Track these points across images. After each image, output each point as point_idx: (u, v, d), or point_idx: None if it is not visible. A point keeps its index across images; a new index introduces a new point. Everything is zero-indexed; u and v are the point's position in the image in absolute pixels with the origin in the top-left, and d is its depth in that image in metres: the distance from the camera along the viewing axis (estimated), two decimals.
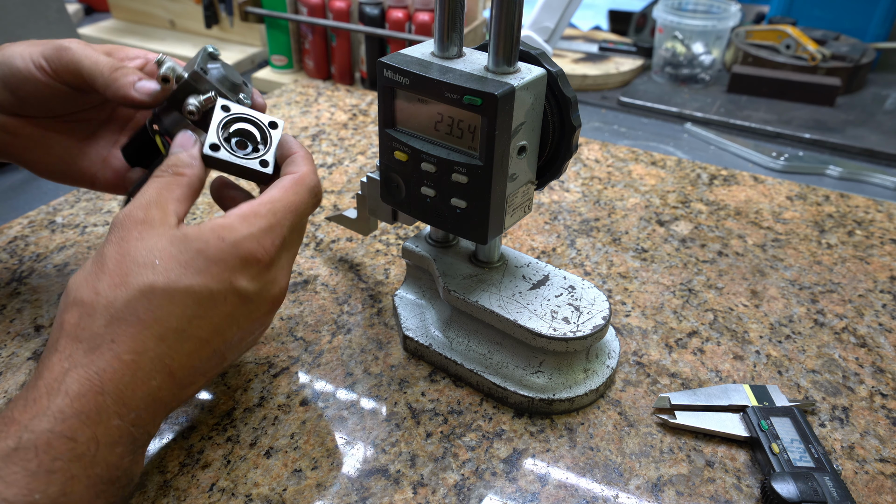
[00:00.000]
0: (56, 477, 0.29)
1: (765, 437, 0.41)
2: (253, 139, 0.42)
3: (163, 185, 0.38)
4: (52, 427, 0.30)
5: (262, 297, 0.37)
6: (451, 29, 0.39)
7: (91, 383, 0.31)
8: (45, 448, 0.29)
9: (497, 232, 0.42)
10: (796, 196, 0.71)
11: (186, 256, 0.34)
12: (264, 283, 0.37)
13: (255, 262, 0.36)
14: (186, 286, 0.34)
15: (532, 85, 0.38)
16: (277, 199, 0.38)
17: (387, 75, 0.40)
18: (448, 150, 0.40)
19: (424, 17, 0.87)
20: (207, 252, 0.35)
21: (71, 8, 1.19)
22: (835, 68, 1.00)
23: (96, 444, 0.31)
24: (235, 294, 0.36)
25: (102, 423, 0.31)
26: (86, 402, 0.31)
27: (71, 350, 0.32)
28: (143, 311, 0.33)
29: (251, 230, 0.36)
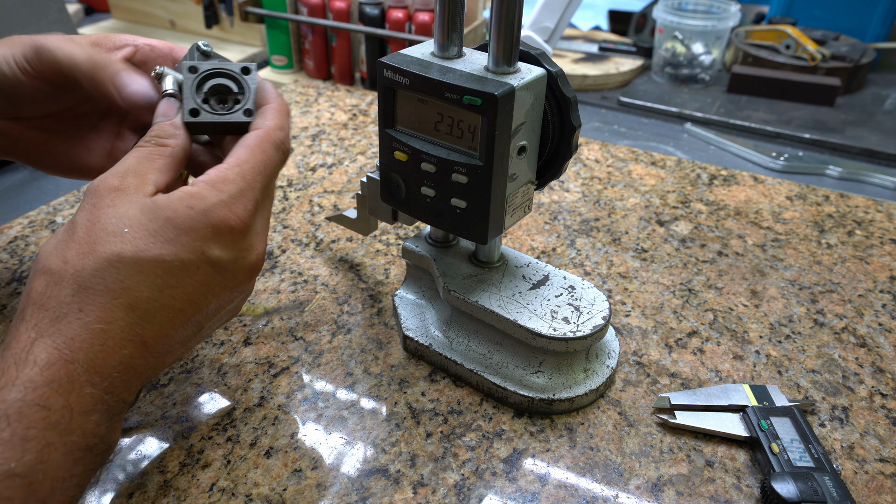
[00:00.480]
0: (31, 445, 0.29)
1: (765, 437, 0.41)
2: (231, 92, 0.40)
3: (143, 155, 0.37)
4: (24, 396, 0.29)
5: (238, 265, 0.36)
6: (451, 29, 0.39)
7: (60, 352, 0.31)
8: (17, 417, 0.29)
9: (497, 232, 0.42)
10: (796, 196, 0.71)
11: (155, 225, 0.33)
12: (239, 250, 0.36)
13: (227, 230, 0.35)
14: (155, 256, 0.33)
15: (532, 85, 0.38)
16: (245, 161, 0.37)
17: (387, 75, 0.40)
18: (448, 150, 0.40)
19: (424, 17, 0.87)
20: (177, 221, 0.34)
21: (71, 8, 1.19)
22: (835, 68, 1.00)
23: (70, 412, 0.30)
24: (208, 263, 0.35)
25: (75, 392, 0.31)
26: (56, 371, 0.30)
27: (37, 319, 0.31)
28: (111, 280, 0.32)
29: (221, 197, 0.35)
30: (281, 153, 0.38)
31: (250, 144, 0.37)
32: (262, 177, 0.37)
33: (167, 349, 0.35)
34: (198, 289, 0.35)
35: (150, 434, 0.42)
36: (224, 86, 0.40)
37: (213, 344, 0.50)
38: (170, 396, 0.45)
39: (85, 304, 0.32)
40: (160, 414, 0.44)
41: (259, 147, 0.37)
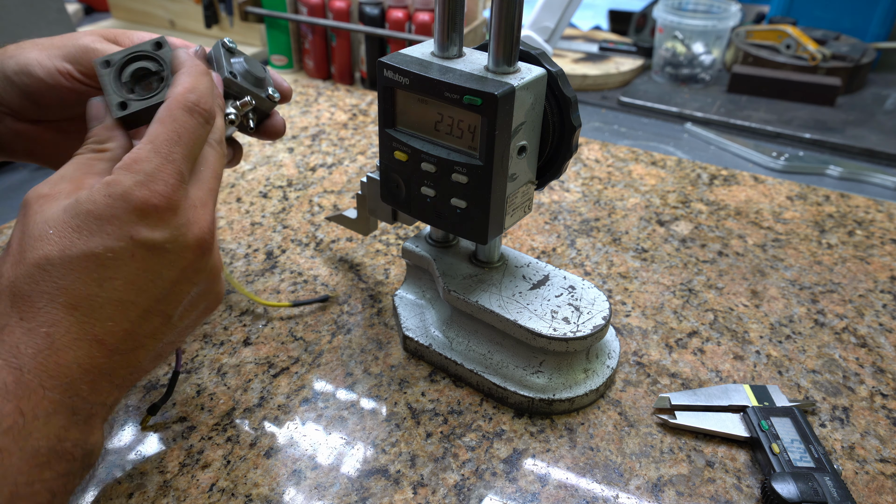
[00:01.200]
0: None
1: (765, 438, 0.41)
2: (152, 73, 0.39)
3: (81, 162, 0.36)
4: None
5: (178, 243, 0.34)
6: (451, 29, 0.39)
7: (5, 361, 0.30)
8: None
9: (497, 232, 0.42)
10: (796, 196, 0.71)
11: (78, 221, 0.32)
12: (173, 228, 0.34)
13: (152, 209, 0.33)
14: (82, 251, 0.32)
15: (532, 85, 0.38)
16: (157, 135, 0.35)
17: (387, 75, 0.40)
18: (448, 150, 0.40)
19: (424, 17, 0.87)
20: (97, 212, 0.33)
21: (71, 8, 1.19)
22: (835, 68, 1.00)
23: (23, 417, 0.30)
24: (142, 247, 0.33)
25: (26, 397, 0.30)
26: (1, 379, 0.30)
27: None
28: (44, 283, 0.32)
29: (137, 178, 0.33)
30: (197, 116, 0.36)
31: (160, 117, 0.35)
32: (179, 147, 0.35)
33: (134, 345, 0.34)
34: (141, 275, 0.33)
35: (149, 434, 0.42)
36: (145, 69, 0.39)
37: (213, 344, 0.50)
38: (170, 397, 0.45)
39: (24, 311, 0.31)
40: (160, 414, 0.44)
41: (169, 117, 0.35)
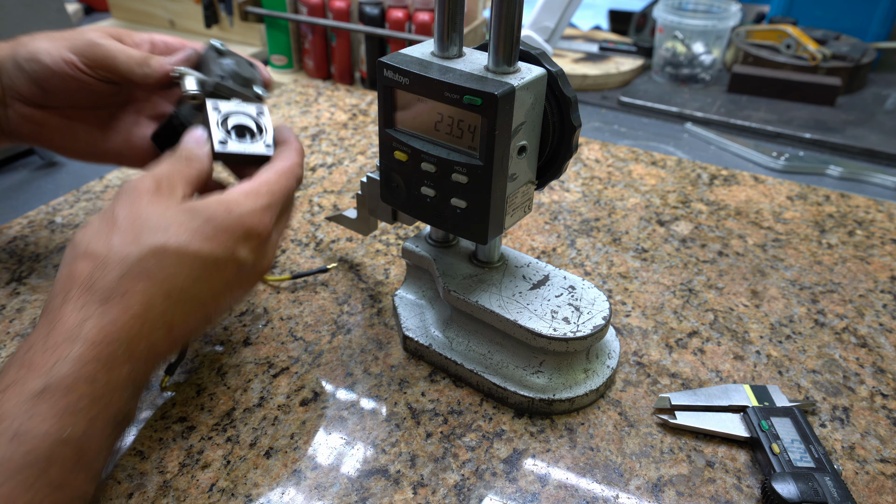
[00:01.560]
0: (80, 416, 0.32)
1: (765, 438, 0.41)
2: (249, 129, 0.46)
3: (175, 168, 0.41)
4: (75, 371, 0.32)
5: (255, 268, 0.40)
6: (451, 29, 0.39)
7: (105, 333, 0.33)
8: (69, 390, 0.32)
9: (497, 232, 0.42)
10: (797, 196, 0.71)
11: (196, 224, 0.37)
12: (259, 255, 0.40)
13: (255, 235, 0.39)
14: (196, 250, 0.37)
15: (532, 85, 0.38)
16: (273, 182, 0.41)
17: (387, 75, 0.40)
18: (448, 150, 0.40)
19: (424, 17, 0.87)
20: (215, 222, 0.38)
21: (70, 8, 1.19)
22: (835, 68, 1.00)
23: (111, 389, 0.33)
24: (235, 263, 0.39)
25: (115, 370, 0.34)
26: (101, 350, 0.33)
27: (84, 300, 0.34)
28: (154, 268, 0.35)
29: (254, 206, 0.39)
30: (299, 184, 0.44)
31: (279, 170, 0.42)
32: (283, 199, 0.42)
33: (184, 338, 0.39)
34: (222, 285, 0.39)
35: (149, 434, 0.42)
36: (244, 124, 0.46)
37: (213, 344, 0.49)
38: (170, 397, 0.45)
39: (129, 289, 0.35)
40: (160, 414, 0.44)
41: (285, 174, 0.42)
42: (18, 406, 0.31)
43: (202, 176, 0.42)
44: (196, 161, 0.42)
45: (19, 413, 0.31)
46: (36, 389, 0.31)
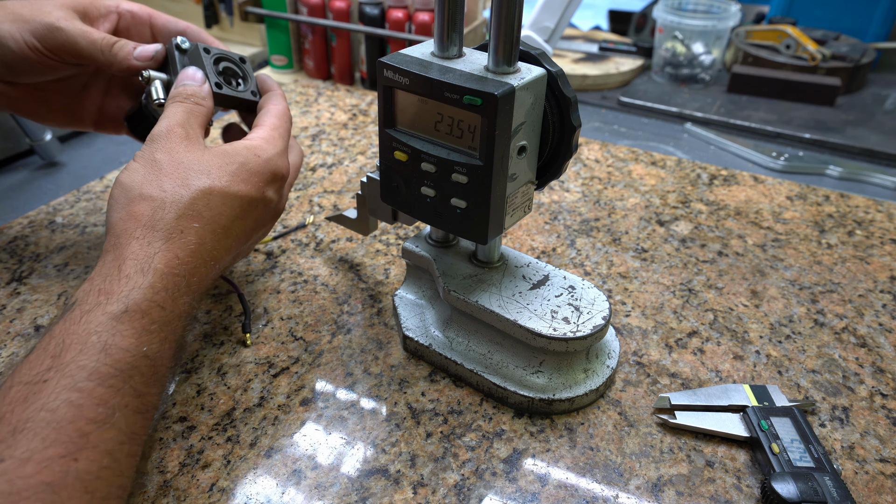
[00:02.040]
0: (155, 337, 0.36)
1: (765, 437, 0.41)
2: (236, 74, 0.51)
3: (189, 111, 0.44)
4: (151, 297, 0.36)
5: (278, 206, 0.46)
6: (451, 29, 0.39)
7: (170, 266, 0.37)
8: (146, 313, 0.35)
9: (497, 232, 0.42)
10: (796, 196, 0.71)
11: (233, 168, 0.42)
12: (280, 195, 0.46)
13: (280, 177, 0.45)
14: (236, 191, 0.41)
15: (532, 85, 0.38)
16: (280, 126, 0.47)
17: (387, 75, 0.40)
18: (448, 150, 0.40)
19: (424, 17, 0.87)
20: (249, 166, 0.42)
21: None
22: (835, 68, 1.00)
23: (175, 316, 0.37)
24: (264, 202, 0.44)
25: (179, 299, 0.38)
26: (169, 281, 0.37)
27: (150, 238, 0.38)
28: (203, 208, 0.40)
29: (276, 150, 0.45)
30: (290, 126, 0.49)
31: (279, 114, 0.48)
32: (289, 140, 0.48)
33: (221, 271, 0.43)
34: (254, 222, 0.44)
35: (149, 434, 0.42)
36: (232, 69, 0.51)
37: (214, 344, 0.50)
38: (170, 396, 0.45)
39: (185, 227, 0.39)
40: (160, 414, 0.44)
41: (284, 117, 0.48)
42: (104, 325, 0.34)
43: (209, 115, 0.46)
44: (204, 101, 0.46)
45: (105, 330, 0.34)
46: (117, 311, 0.35)
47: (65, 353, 0.33)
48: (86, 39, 0.47)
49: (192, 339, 0.50)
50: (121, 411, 0.33)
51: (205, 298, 0.54)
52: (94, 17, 0.49)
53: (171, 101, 0.45)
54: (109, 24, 0.50)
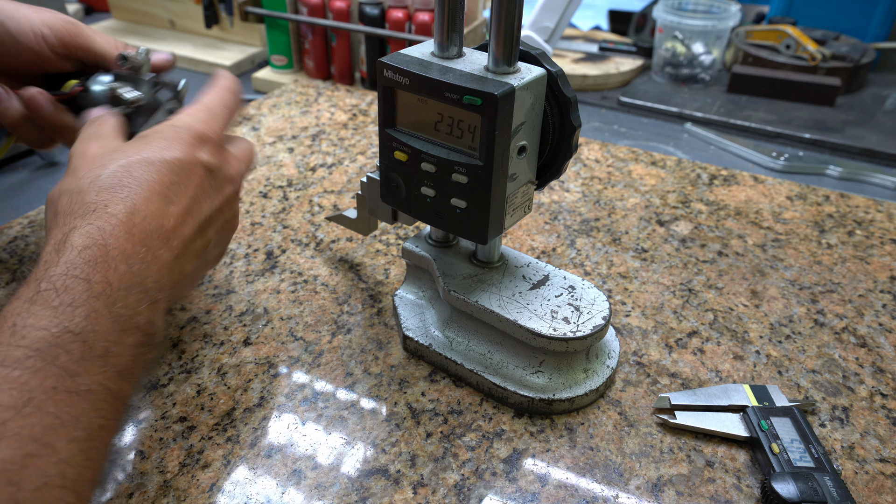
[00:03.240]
0: (79, 311, 0.33)
1: (765, 437, 0.41)
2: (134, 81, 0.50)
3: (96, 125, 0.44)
4: (67, 272, 0.33)
5: (222, 171, 0.43)
6: (451, 29, 0.39)
7: (93, 237, 0.35)
8: (62, 289, 0.33)
9: (497, 232, 0.42)
10: (796, 196, 0.71)
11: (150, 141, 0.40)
12: (221, 159, 0.43)
13: (208, 139, 0.42)
14: (160, 157, 0.39)
15: (532, 85, 0.38)
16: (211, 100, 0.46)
17: (387, 75, 0.40)
18: (448, 150, 0.40)
19: (424, 17, 0.87)
20: (166, 134, 0.41)
21: (71, 8, 1.19)
22: (835, 68, 1.00)
23: (110, 285, 0.34)
24: (200, 165, 0.41)
25: (111, 269, 0.34)
26: (92, 253, 0.34)
27: (67, 221, 0.36)
28: (125, 177, 0.38)
29: (197, 116, 0.43)
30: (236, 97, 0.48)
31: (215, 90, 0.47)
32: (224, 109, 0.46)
33: (183, 250, 0.39)
34: (197, 188, 0.41)
35: (149, 434, 0.42)
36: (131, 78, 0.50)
37: (213, 344, 0.50)
38: (170, 396, 0.45)
39: (109, 199, 0.37)
40: (160, 414, 0.44)
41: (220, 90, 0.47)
42: (16, 308, 0.32)
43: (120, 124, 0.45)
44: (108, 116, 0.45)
45: (16, 313, 0.32)
46: (31, 294, 0.33)
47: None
48: (101, 38, 0.51)
49: (192, 339, 0.50)
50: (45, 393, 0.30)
51: (205, 298, 0.54)
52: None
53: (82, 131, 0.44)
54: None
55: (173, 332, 0.50)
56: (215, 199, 0.42)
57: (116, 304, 0.34)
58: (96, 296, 0.33)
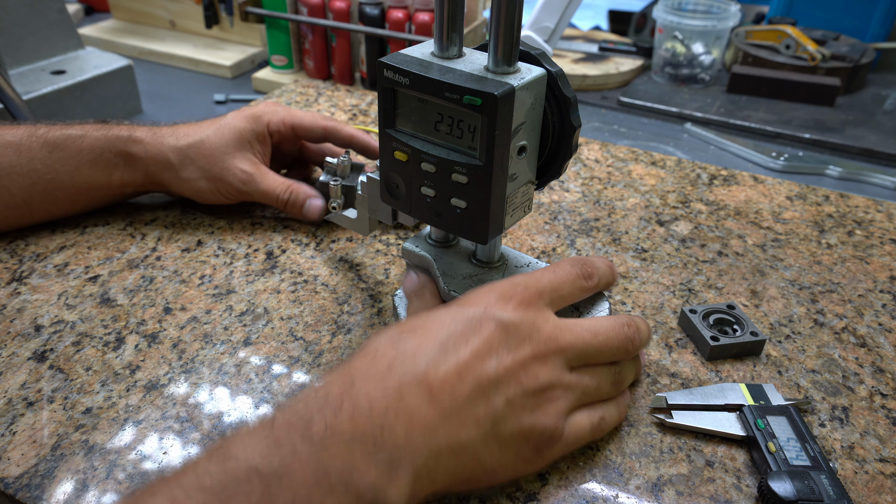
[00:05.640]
0: (280, 449, 0.30)
1: (761, 436, 0.41)
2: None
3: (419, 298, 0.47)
4: (296, 403, 0.32)
5: (522, 331, 0.36)
6: (451, 29, 0.39)
7: (342, 371, 0.33)
8: (281, 423, 0.31)
9: (497, 232, 0.42)
10: (796, 196, 0.71)
11: (456, 299, 0.40)
12: (523, 317, 0.37)
13: (513, 296, 0.38)
14: (447, 308, 0.37)
15: (532, 85, 0.38)
16: (541, 268, 0.43)
17: (387, 75, 0.40)
18: (448, 150, 0.40)
19: (424, 17, 0.87)
20: (470, 293, 0.39)
21: (71, 8, 1.19)
22: (835, 68, 1.00)
23: (327, 428, 0.30)
24: (493, 319, 0.36)
25: (340, 410, 0.31)
26: (329, 389, 0.32)
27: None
28: (406, 324, 0.37)
29: (511, 280, 0.40)
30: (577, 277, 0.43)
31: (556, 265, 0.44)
32: (556, 278, 0.42)
33: (456, 414, 0.33)
34: (483, 343, 0.35)
35: (150, 434, 0.43)
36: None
37: (213, 344, 0.50)
38: (170, 396, 0.45)
39: (376, 338, 0.36)
40: (161, 414, 0.44)
41: (563, 264, 0.43)
42: (244, 428, 0.31)
43: (431, 286, 0.47)
44: (420, 280, 0.48)
45: (240, 433, 0.31)
46: (265, 419, 0.32)
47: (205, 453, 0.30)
48: (264, 196, 0.60)
49: (193, 339, 0.50)
50: None
51: (205, 298, 0.54)
52: (261, 142, 0.61)
53: (409, 305, 0.47)
54: (269, 145, 0.62)
55: (173, 332, 0.51)
56: (505, 358, 0.35)
57: (326, 452, 0.29)
58: (307, 438, 0.29)
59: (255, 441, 0.29)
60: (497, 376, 0.35)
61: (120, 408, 0.44)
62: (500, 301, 0.37)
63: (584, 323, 0.40)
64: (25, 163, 0.56)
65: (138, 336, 0.50)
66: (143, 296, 0.54)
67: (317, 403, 0.31)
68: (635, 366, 0.44)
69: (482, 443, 0.34)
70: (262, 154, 0.61)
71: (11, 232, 0.61)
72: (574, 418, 0.39)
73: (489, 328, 0.36)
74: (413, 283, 0.47)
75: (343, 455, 0.29)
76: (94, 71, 0.84)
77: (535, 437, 0.36)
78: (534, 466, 0.38)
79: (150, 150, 0.58)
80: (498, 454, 0.35)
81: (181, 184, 0.60)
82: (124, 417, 0.44)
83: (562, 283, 0.41)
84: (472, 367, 0.34)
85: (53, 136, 0.57)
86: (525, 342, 0.36)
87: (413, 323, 0.36)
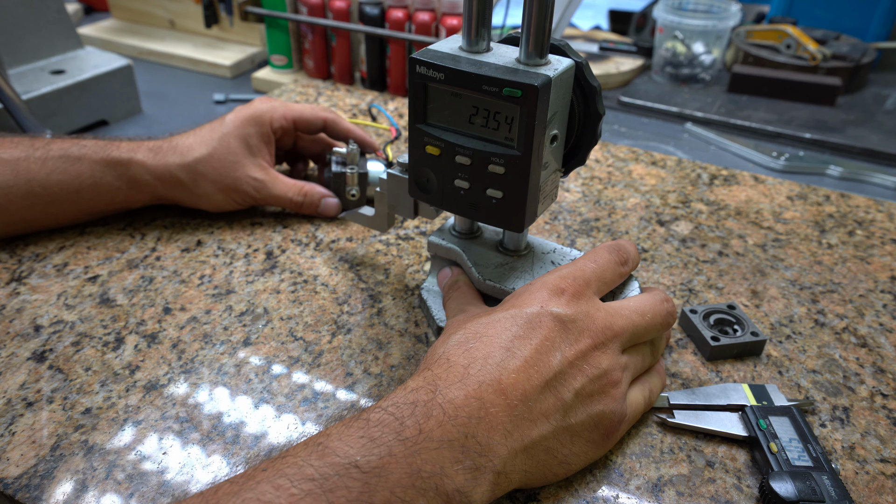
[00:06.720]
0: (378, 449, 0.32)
1: (763, 437, 0.41)
2: None
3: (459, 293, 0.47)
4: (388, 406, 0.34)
5: (579, 323, 0.38)
6: (480, 24, 0.40)
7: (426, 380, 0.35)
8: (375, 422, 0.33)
9: (531, 220, 0.43)
10: (797, 196, 0.71)
11: (505, 301, 0.41)
12: (578, 309, 0.39)
13: (564, 291, 0.39)
14: (505, 312, 0.38)
15: (564, 75, 0.39)
16: (582, 256, 0.44)
17: (420, 71, 0.40)
18: (484, 142, 0.41)
19: (424, 16, 0.87)
20: (520, 293, 0.40)
21: (71, 8, 1.19)
22: (835, 68, 1.00)
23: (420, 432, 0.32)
24: (549, 315, 0.38)
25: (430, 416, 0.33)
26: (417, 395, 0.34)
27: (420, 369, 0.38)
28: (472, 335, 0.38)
29: (558, 273, 0.41)
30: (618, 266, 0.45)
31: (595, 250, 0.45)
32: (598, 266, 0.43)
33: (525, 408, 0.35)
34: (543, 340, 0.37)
35: (149, 434, 0.42)
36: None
37: (213, 344, 0.50)
38: (170, 396, 0.45)
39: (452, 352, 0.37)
40: (160, 414, 0.44)
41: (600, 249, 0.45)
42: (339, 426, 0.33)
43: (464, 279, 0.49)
44: (460, 279, 0.49)
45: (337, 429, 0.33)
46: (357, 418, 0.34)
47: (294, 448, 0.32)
48: (277, 201, 0.61)
49: (192, 339, 0.50)
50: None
51: (205, 298, 0.54)
52: (266, 143, 0.61)
53: (446, 298, 0.48)
54: (273, 144, 0.62)
55: (173, 332, 0.50)
56: (567, 351, 0.37)
57: (420, 455, 0.32)
58: (401, 440, 0.32)
59: (352, 437, 0.32)
60: (562, 370, 0.37)
61: (119, 408, 0.44)
62: (554, 296, 0.39)
63: (630, 304, 0.41)
64: (23, 184, 0.55)
65: (138, 336, 0.50)
66: (142, 296, 0.54)
67: (407, 407, 0.33)
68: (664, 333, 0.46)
69: (553, 436, 0.36)
70: (268, 155, 0.61)
71: None
72: (630, 396, 0.41)
73: (548, 325, 0.38)
74: (448, 277, 0.49)
75: (434, 459, 0.32)
76: (93, 71, 0.84)
77: (605, 422, 0.38)
78: (603, 450, 0.40)
79: (156, 172, 0.58)
80: (570, 444, 0.37)
81: (196, 199, 0.60)
82: (124, 418, 0.43)
83: (604, 270, 0.42)
84: (538, 364, 0.36)
85: (52, 158, 0.56)
86: (583, 333, 0.38)
87: (476, 329, 0.38)
